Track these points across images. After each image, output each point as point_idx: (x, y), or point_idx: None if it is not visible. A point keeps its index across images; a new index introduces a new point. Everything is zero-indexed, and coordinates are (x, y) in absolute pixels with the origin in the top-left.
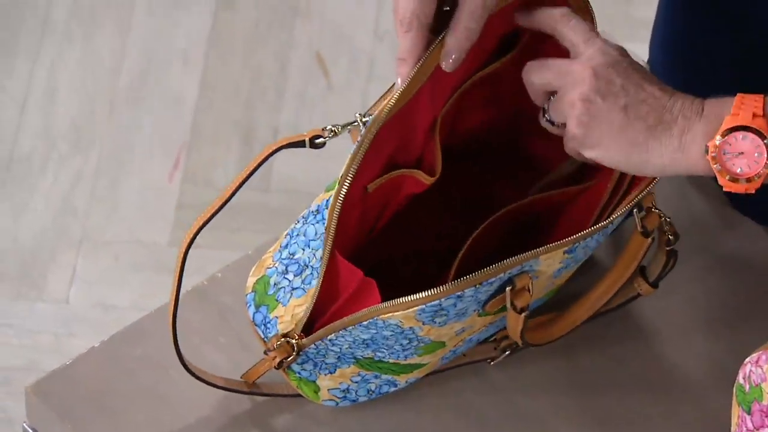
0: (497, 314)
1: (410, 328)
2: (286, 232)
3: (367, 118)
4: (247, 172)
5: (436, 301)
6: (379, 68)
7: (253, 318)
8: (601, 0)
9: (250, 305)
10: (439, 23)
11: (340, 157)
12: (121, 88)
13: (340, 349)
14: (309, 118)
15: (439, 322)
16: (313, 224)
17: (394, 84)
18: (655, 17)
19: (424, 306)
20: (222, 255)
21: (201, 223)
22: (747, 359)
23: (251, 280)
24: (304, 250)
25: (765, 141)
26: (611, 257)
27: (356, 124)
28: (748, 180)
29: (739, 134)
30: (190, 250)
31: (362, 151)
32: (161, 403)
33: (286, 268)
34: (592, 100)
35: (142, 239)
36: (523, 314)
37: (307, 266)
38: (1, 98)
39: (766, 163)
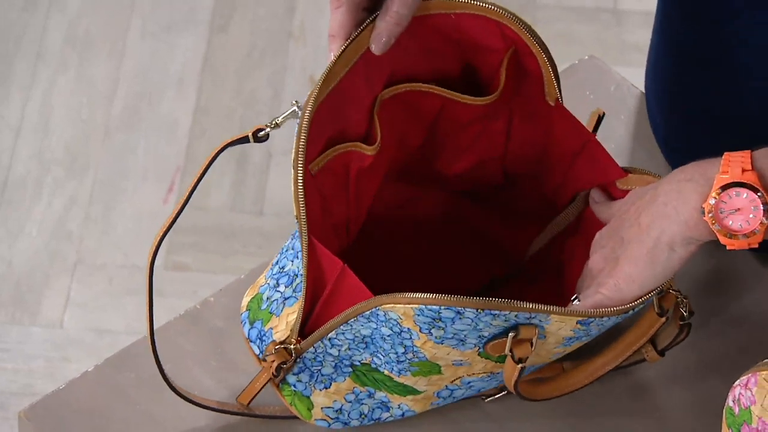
0: (497, 363)
1: (408, 329)
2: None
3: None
4: (197, 178)
5: (436, 307)
6: None
7: (248, 335)
8: (593, 24)
9: (245, 323)
10: (375, 4)
11: None
12: (115, 113)
13: (339, 351)
14: None
15: (437, 337)
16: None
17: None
18: (648, 52)
19: (423, 307)
20: (215, 279)
21: (163, 232)
22: (736, 382)
23: (246, 300)
24: (293, 261)
25: (759, 194)
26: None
27: (294, 111)
28: (747, 236)
29: (733, 191)
30: (183, 274)
31: (305, 129)
32: (156, 427)
33: (277, 281)
34: (600, 265)
35: (137, 263)
36: (520, 365)
37: (297, 275)
38: None
39: (763, 216)
